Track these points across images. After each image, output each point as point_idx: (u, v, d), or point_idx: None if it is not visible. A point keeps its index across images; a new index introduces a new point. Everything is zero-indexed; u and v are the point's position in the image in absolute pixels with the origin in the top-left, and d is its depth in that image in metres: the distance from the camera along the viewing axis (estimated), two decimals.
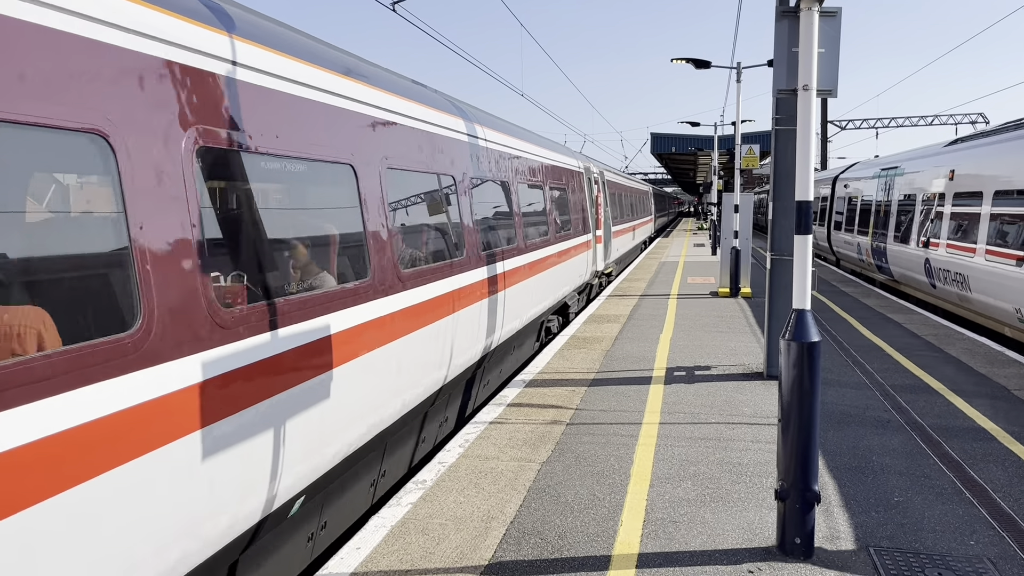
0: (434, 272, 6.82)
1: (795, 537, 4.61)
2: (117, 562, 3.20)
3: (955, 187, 14.01)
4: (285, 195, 4.86)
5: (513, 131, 11.28)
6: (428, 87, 8.26)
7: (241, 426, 4.00)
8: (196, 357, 3.65)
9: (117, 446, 3.16)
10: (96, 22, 3.30)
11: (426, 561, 4.62)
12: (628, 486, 5.75)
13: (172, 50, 3.77)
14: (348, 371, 5.12)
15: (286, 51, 4.91)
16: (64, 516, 2.93)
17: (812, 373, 4.55)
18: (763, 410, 7.73)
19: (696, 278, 20.81)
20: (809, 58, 4.55)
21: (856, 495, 5.56)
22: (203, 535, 3.76)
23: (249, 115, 4.35)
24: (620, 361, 10.12)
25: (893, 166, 18.89)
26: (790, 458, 4.61)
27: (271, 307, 4.33)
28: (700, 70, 19.93)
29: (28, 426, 2.78)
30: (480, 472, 6.10)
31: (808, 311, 4.62)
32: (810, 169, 4.57)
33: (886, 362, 9.95)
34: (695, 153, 44.98)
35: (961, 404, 7.91)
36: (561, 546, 4.79)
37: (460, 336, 7.54)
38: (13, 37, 2.88)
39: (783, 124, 8.59)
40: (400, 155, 6.44)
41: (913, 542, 4.82)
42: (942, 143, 16.51)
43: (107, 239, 3.33)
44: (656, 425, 7.25)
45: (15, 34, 2.88)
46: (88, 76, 3.20)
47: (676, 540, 4.86)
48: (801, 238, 4.63)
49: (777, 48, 4.96)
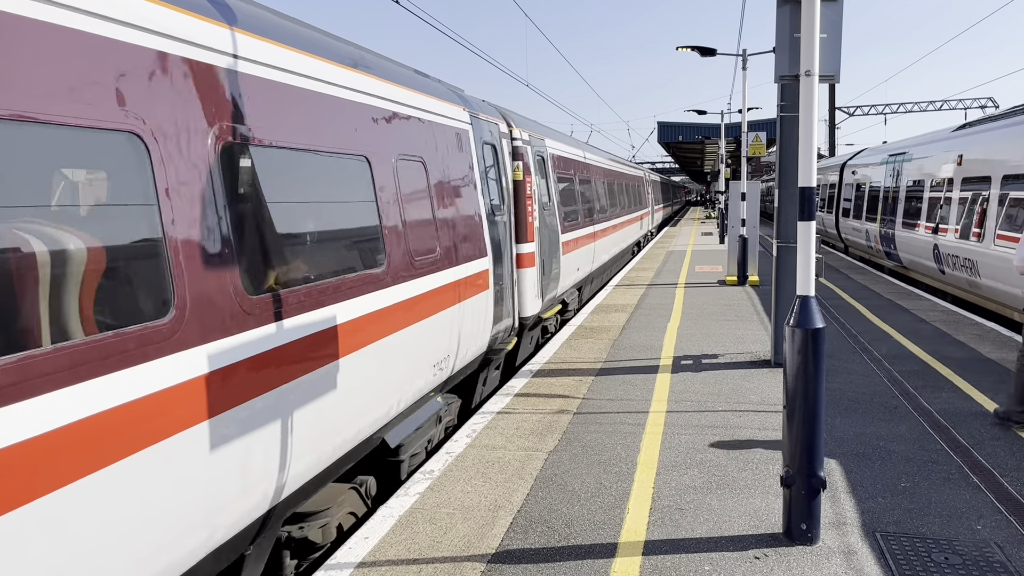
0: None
1: (801, 523, 4.62)
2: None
3: (963, 172, 13.93)
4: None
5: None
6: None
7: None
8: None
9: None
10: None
11: (434, 550, 4.65)
12: (635, 474, 5.77)
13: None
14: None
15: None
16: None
17: (816, 359, 4.55)
18: (770, 397, 7.73)
19: (704, 267, 20.78)
20: (811, 43, 4.53)
21: (862, 481, 5.56)
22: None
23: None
24: (627, 350, 10.13)
25: (901, 152, 18.78)
26: (795, 444, 4.62)
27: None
28: (706, 58, 19.85)
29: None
30: (487, 462, 6.12)
31: (812, 297, 4.62)
32: (812, 155, 4.56)
33: (894, 348, 9.93)
34: (702, 141, 44.79)
35: (969, 389, 7.89)
36: (568, 534, 4.82)
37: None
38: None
39: (788, 111, 8.55)
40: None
41: (920, 527, 4.82)
42: (950, 128, 16.40)
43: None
44: (663, 414, 7.26)
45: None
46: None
47: (682, 527, 4.88)
48: (804, 224, 4.62)
49: (779, 34, 4.95)
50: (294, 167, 4.66)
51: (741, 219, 16.88)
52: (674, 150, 57.05)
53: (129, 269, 3.34)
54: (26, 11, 2.94)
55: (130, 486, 3.22)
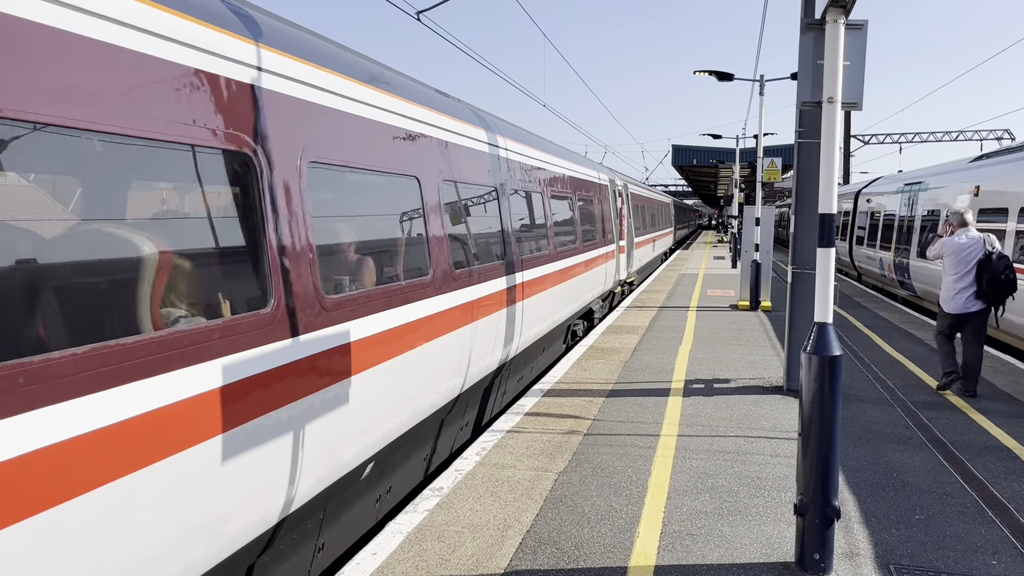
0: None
1: (814, 553, 4.56)
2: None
3: (980, 203, 13.87)
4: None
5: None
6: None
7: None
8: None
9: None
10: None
11: (442, 568, 4.62)
12: (645, 498, 5.72)
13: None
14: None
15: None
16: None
17: (833, 387, 4.52)
18: (782, 424, 7.67)
19: (716, 291, 20.72)
20: (834, 71, 4.53)
21: (876, 512, 5.50)
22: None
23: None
24: (639, 372, 10.09)
25: (916, 181, 18.73)
26: (810, 472, 4.57)
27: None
28: (723, 82, 19.89)
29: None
30: (497, 480, 6.09)
31: (830, 324, 4.59)
32: (833, 182, 4.55)
33: (908, 378, 9.85)
34: (716, 165, 44.84)
35: (984, 422, 7.81)
36: (577, 556, 4.78)
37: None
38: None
39: (806, 137, 8.54)
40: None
41: (934, 560, 4.76)
42: (967, 159, 16.36)
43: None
44: (674, 437, 7.21)
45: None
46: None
47: (693, 553, 4.83)
48: (824, 251, 4.60)
49: (802, 60, 4.95)
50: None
51: (754, 244, 16.83)
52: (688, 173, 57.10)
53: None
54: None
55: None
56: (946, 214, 13.91)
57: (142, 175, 3.48)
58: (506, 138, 9.50)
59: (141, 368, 3.17)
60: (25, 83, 2.75)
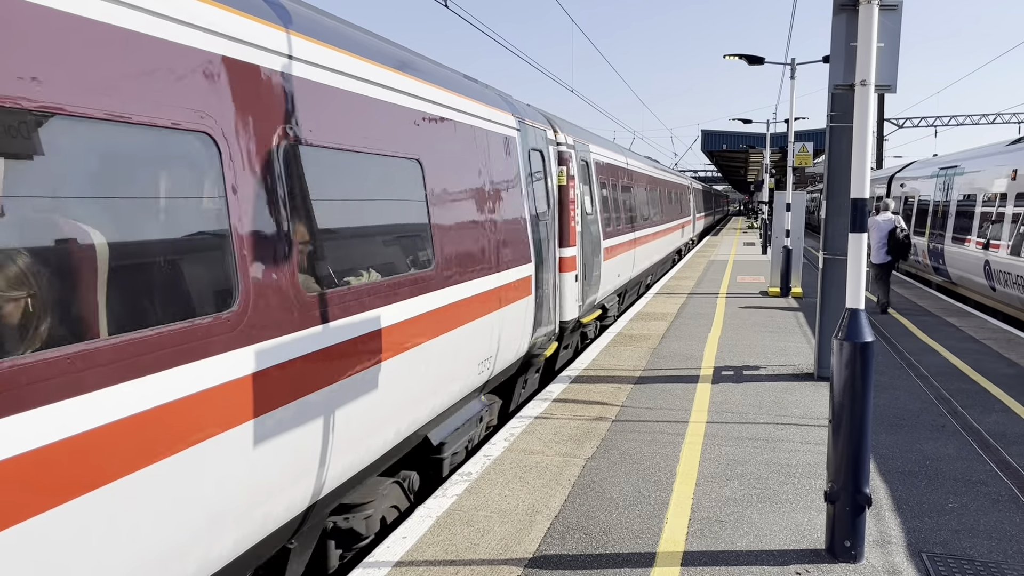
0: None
1: (844, 540, 4.53)
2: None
3: (1018, 187, 13.58)
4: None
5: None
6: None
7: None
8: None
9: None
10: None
11: (471, 552, 4.66)
12: (674, 484, 5.71)
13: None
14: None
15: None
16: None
17: (865, 374, 4.47)
18: (813, 411, 7.60)
19: (746, 277, 20.54)
20: (868, 53, 4.46)
21: (908, 500, 5.45)
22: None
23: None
24: (667, 359, 10.05)
25: (952, 165, 18.38)
26: (841, 460, 4.54)
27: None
28: (753, 66, 19.65)
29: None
30: (525, 466, 6.12)
31: (862, 311, 4.54)
32: (866, 166, 4.49)
33: (942, 365, 9.71)
34: (746, 151, 44.34)
35: (1021, 410, 7.68)
36: (605, 541, 4.79)
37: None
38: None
39: (838, 121, 8.42)
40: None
41: (968, 549, 4.70)
42: (1004, 142, 16.01)
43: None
44: (703, 424, 7.18)
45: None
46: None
47: (722, 539, 4.82)
48: (856, 236, 4.54)
49: (834, 42, 4.87)
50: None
51: (785, 230, 16.64)
52: (717, 159, 56.53)
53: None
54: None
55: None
56: (875, 201, 18.06)
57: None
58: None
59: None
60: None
